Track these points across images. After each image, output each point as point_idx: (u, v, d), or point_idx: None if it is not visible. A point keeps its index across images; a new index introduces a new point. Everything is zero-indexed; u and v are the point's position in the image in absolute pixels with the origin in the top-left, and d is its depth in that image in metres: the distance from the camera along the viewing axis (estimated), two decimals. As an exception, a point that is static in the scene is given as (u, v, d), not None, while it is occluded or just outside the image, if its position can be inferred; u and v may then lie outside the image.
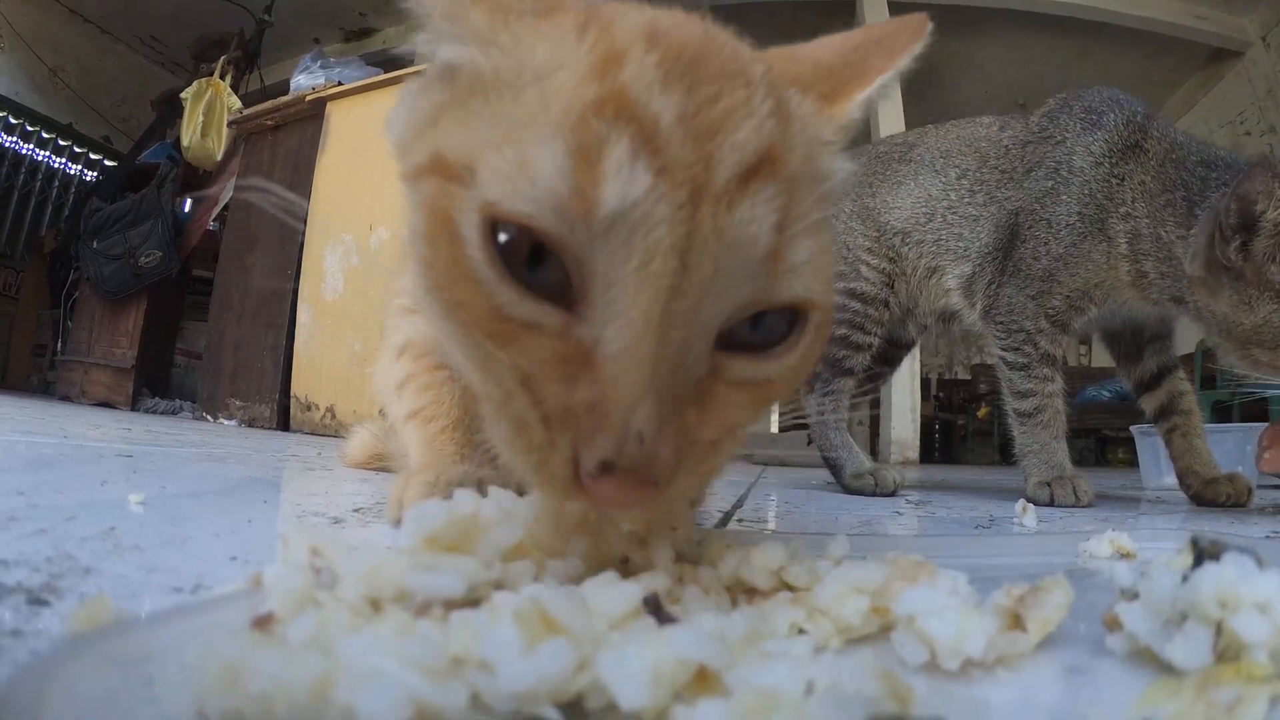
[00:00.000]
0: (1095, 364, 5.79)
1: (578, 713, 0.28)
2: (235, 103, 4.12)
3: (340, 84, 3.25)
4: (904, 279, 1.79)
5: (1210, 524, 1.22)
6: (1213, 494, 1.57)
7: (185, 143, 4.04)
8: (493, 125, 0.38)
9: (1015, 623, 0.38)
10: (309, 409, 2.97)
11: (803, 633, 0.38)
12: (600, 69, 0.37)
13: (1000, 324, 1.62)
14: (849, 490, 1.70)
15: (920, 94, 4.70)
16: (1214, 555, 0.38)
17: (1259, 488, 1.74)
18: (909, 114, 4.13)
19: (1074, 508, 1.43)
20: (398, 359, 0.74)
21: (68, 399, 4.01)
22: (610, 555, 0.41)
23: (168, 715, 0.25)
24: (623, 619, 0.31)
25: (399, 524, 0.66)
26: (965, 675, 0.35)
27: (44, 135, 6.04)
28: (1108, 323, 1.66)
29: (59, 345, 4.52)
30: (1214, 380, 4.13)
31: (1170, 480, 1.91)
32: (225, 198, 3.79)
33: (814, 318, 0.41)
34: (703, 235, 0.36)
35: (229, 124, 3.94)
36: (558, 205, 0.35)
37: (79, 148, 6.27)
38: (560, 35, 0.39)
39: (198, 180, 4.10)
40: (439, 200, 0.38)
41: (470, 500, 0.39)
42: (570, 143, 0.35)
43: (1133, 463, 2.73)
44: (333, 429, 2.83)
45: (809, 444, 1.99)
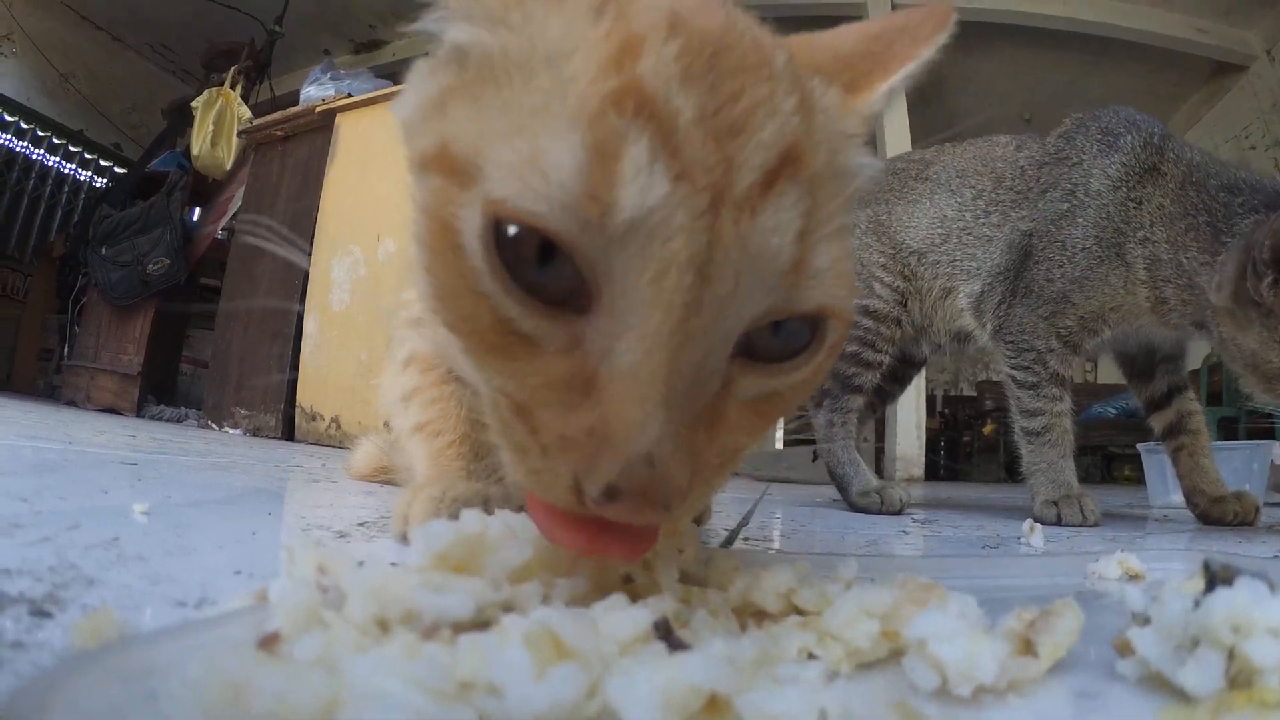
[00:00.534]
0: (1100, 380, 5.77)
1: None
2: (245, 112, 4.14)
3: (350, 95, 3.25)
4: (918, 298, 1.79)
5: (1217, 543, 1.21)
6: (1220, 513, 1.56)
7: (195, 151, 4.05)
8: (502, 115, 0.36)
9: (1026, 647, 0.37)
10: (314, 419, 2.97)
11: (813, 657, 0.37)
12: (618, 57, 0.35)
13: (1010, 343, 1.61)
14: (855, 508, 1.69)
15: (925, 109, 4.70)
16: (1226, 580, 0.37)
17: (1266, 505, 1.73)
18: (914, 128, 4.14)
19: (1081, 527, 1.42)
20: (404, 371, 0.73)
21: (73, 404, 4.02)
22: (615, 576, 0.41)
23: (170, 733, 0.25)
24: (633, 643, 0.31)
25: (404, 539, 0.66)
26: (977, 701, 0.34)
27: (54, 141, 6.07)
28: (1121, 344, 1.66)
29: (65, 350, 4.52)
30: (1220, 397, 4.13)
31: (1177, 498, 1.90)
32: (234, 207, 3.80)
33: (833, 326, 0.40)
34: (723, 246, 0.34)
35: (239, 133, 3.95)
36: (571, 205, 0.33)
37: (89, 154, 6.29)
38: (575, 14, 0.37)
39: (207, 189, 4.12)
40: (441, 205, 0.36)
41: (477, 520, 0.38)
42: (587, 138, 0.33)
43: (1138, 480, 2.72)
44: (338, 440, 2.82)
45: (814, 459, 1.98)
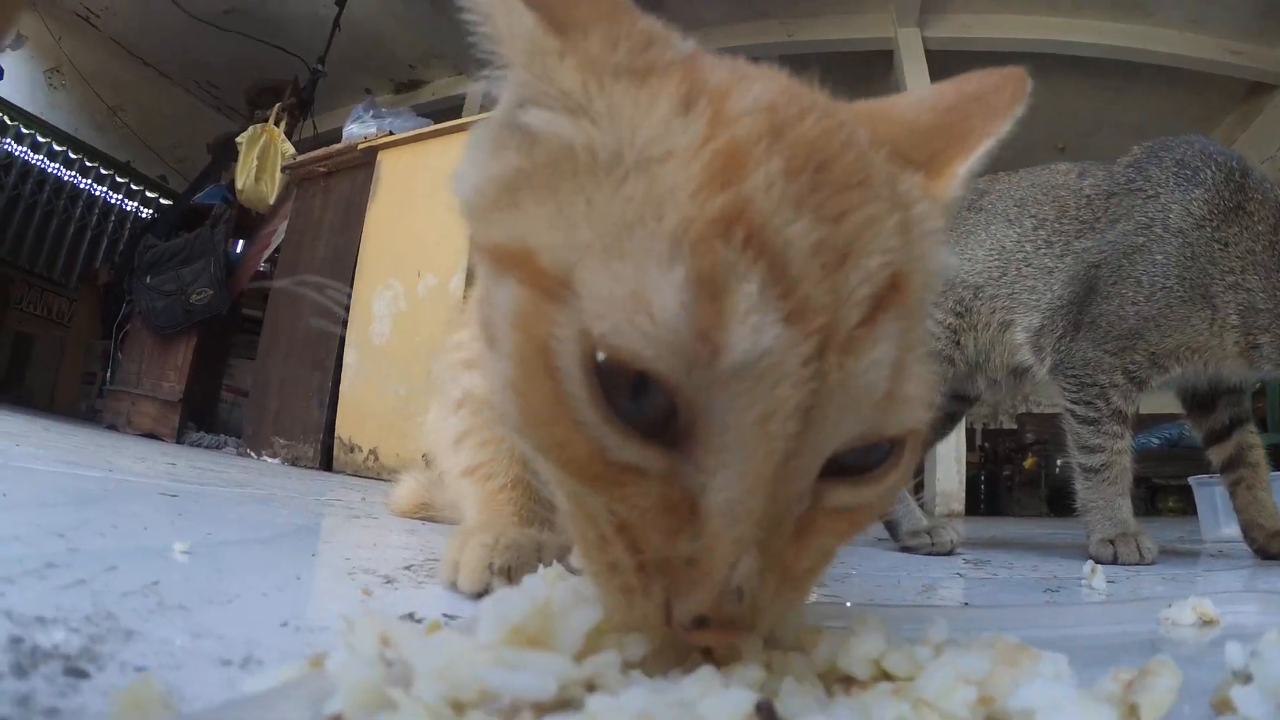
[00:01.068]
0: (1144, 411, 5.65)
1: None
2: (289, 148, 4.21)
3: (391, 133, 3.30)
4: (972, 333, 1.74)
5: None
6: (1279, 548, 1.53)
7: (239, 185, 4.12)
8: (590, 224, 0.34)
9: (1131, 712, 0.35)
10: (352, 450, 2.97)
11: None
12: (721, 171, 0.32)
13: (1072, 377, 1.57)
14: (905, 548, 1.64)
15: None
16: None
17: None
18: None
19: (1138, 565, 1.40)
20: (456, 412, 0.72)
21: (114, 428, 4.07)
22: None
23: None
24: (735, 729, 0.28)
25: (454, 586, 0.64)
26: None
27: (102, 171, 6.26)
28: (1189, 380, 1.61)
29: (108, 375, 4.59)
30: (1264, 424, 4.02)
31: (1229, 531, 1.87)
32: (277, 240, 3.85)
33: (912, 441, 0.38)
34: (828, 388, 0.32)
35: (282, 169, 4.02)
36: (678, 346, 0.31)
37: (135, 185, 6.47)
38: (664, 110, 0.35)
39: (250, 222, 4.18)
40: (534, 324, 0.34)
41: (542, 583, 0.36)
42: (692, 271, 0.31)
43: (1182, 511, 2.66)
44: (375, 471, 2.83)
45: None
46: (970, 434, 5.84)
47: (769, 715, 0.29)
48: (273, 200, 4.06)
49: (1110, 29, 4.89)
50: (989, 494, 6.33)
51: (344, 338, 3.10)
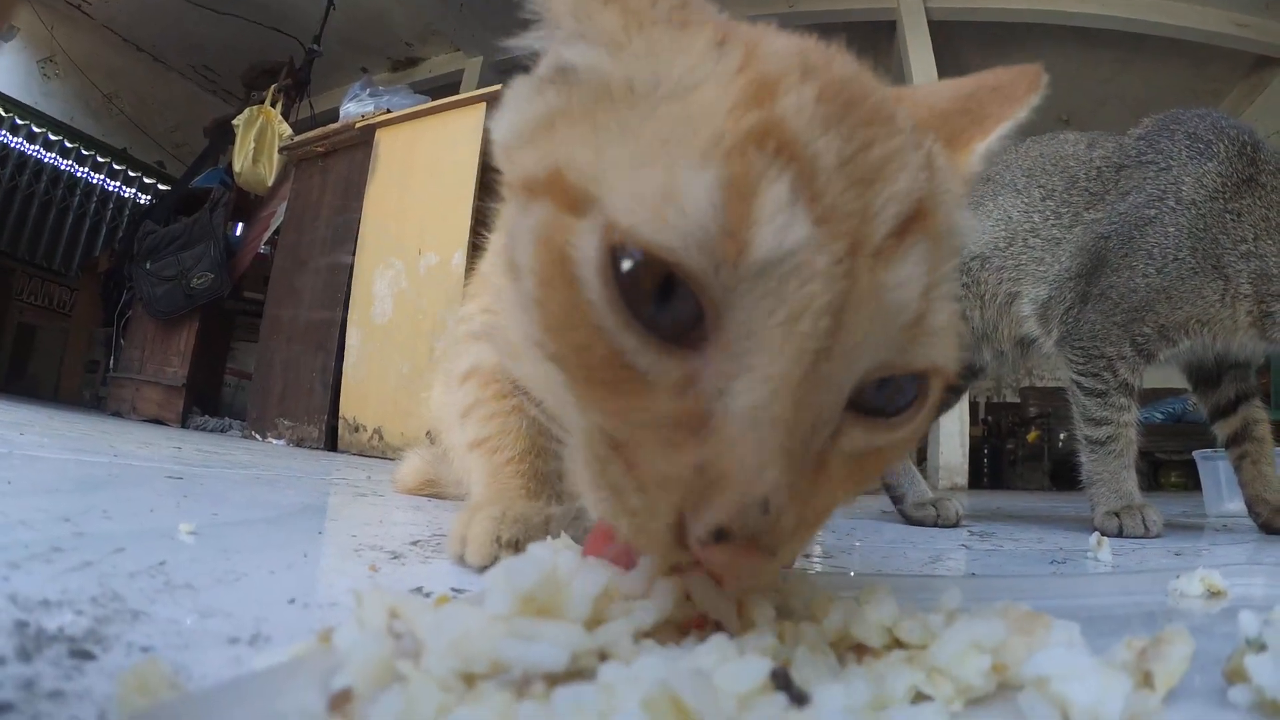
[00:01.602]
0: (1147, 386, 5.65)
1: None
2: (286, 129, 4.19)
3: (389, 111, 3.28)
4: (978, 304, 1.73)
5: None
6: None
7: (237, 168, 4.11)
8: (623, 143, 0.35)
9: (1145, 680, 0.35)
10: (357, 430, 2.98)
11: (922, 696, 0.34)
12: (755, 95, 0.34)
13: (1080, 349, 1.56)
14: (910, 520, 1.64)
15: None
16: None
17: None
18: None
19: (1144, 538, 1.40)
20: (463, 384, 0.72)
21: (119, 415, 4.08)
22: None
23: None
24: (751, 697, 0.27)
25: (461, 560, 0.64)
26: None
27: (99, 159, 6.23)
28: (1197, 354, 1.60)
29: (111, 362, 4.61)
30: (1269, 399, 4.02)
31: (1233, 506, 1.87)
32: (276, 222, 3.84)
33: (935, 385, 0.39)
34: (859, 294, 0.32)
35: (280, 150, 4.01)
36: (705, 242, 0.31)
37: (133, 172, 6.45)
38: (699, 49, 0.36)
39: (249, 205, 4.17)
40: (553, 235, 0.35)
41: (548, 551, 0.36)
42: (724, 173, 0.31)
43: (1186, 486, 2.65)
44: (380, 450, 2.84)
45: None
46: (973, 407, 5.84)
47: (785, 683, 0.29)
48: (271, 182, 4.05)
49: (1116, 0, 4.84)
50: (992, 467, 6.34)
51: (346, 318, 3.10)
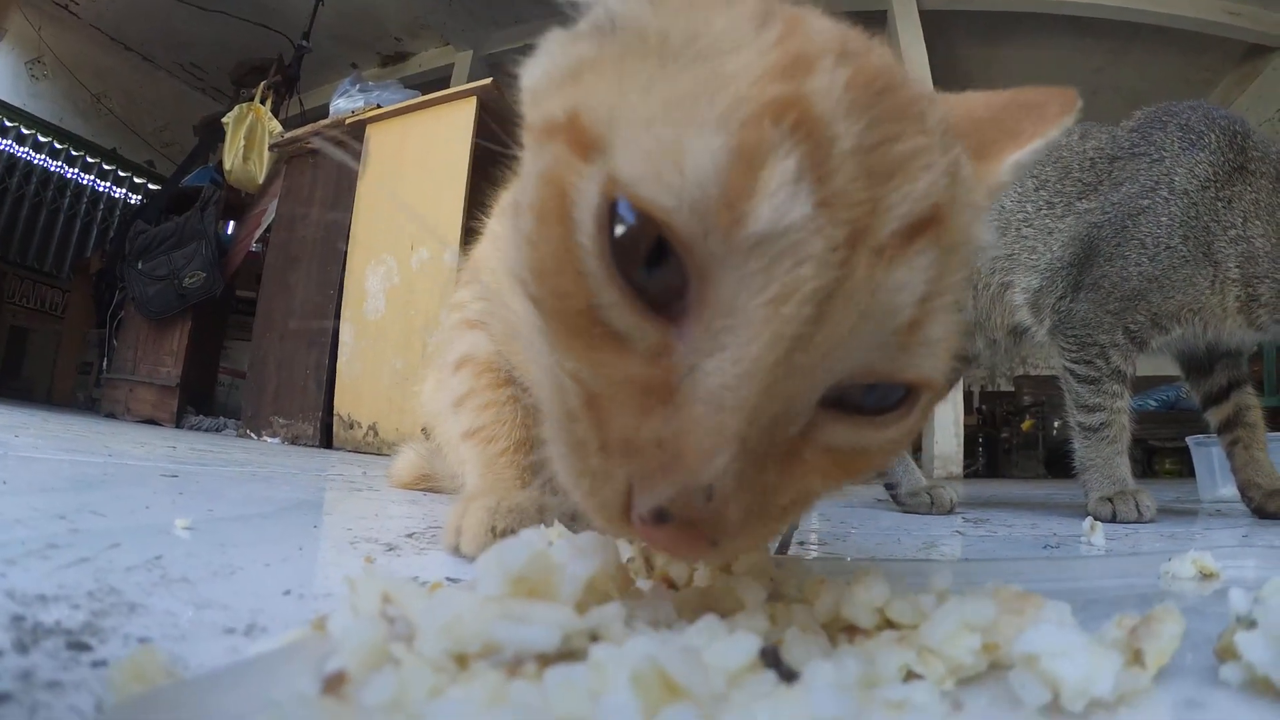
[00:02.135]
0: (1141, 373, 5.66)
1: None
2: (276, 126, 4.18)
3: (379, 106, 3.28)
4: (971, 293, 1.74)
5: (1277, 537, 1.21)
6: (1276, 506, 1.55)
7: (227, 166, 4.10)
8: (645, 96, 0.34)
9: (1136, 657, 0.35)
10: (351, 427, 2.98)
11: (913, 675, 0.35)
12: (788, 68, 0.33)
13: (1072, 337, 1.57)
14: (904, 508, 1.65)
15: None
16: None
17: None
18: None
19: (1137, 523, 1.40)
20: (455, 373, 0.72)
21: (113, 416, 4.07)
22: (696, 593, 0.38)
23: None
24: (740, 674, 0.28)
25: (456, 551, 0.64)
26: (1089, 717, 0.32)
27: (88, 159, 6.21)
28: (1188, 342, 1.61)
29: (105, 363, 4.59)
30: (1261, 386, 4.04)
31: (1226, 492, 1.87)
32: (267, 220, 3.83)
33: (926, 395, 0.37)
34: (850, 288, 0.31)
35: (270, 147, 4.00)
36: (701, 206, 0.30)
37: (123, 172, 6.43)
38: (741, 14, 0.35)
39: (240, 203, 4.16)
40: (558, 172, 0.34)
41: (540, 536, 0.36)
42: (734, 140, 0.30)
43: (1180, 473, 2.66)
44: (375, 447, 2.84)
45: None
46: (968, 396, 5.84)
47: (774, 661, 0.29)
48: (262, 179, 4.04)
49: (1107, -11, 4.85)
50: (987, 456, 6.36)
51: (339, 315, 3.10)
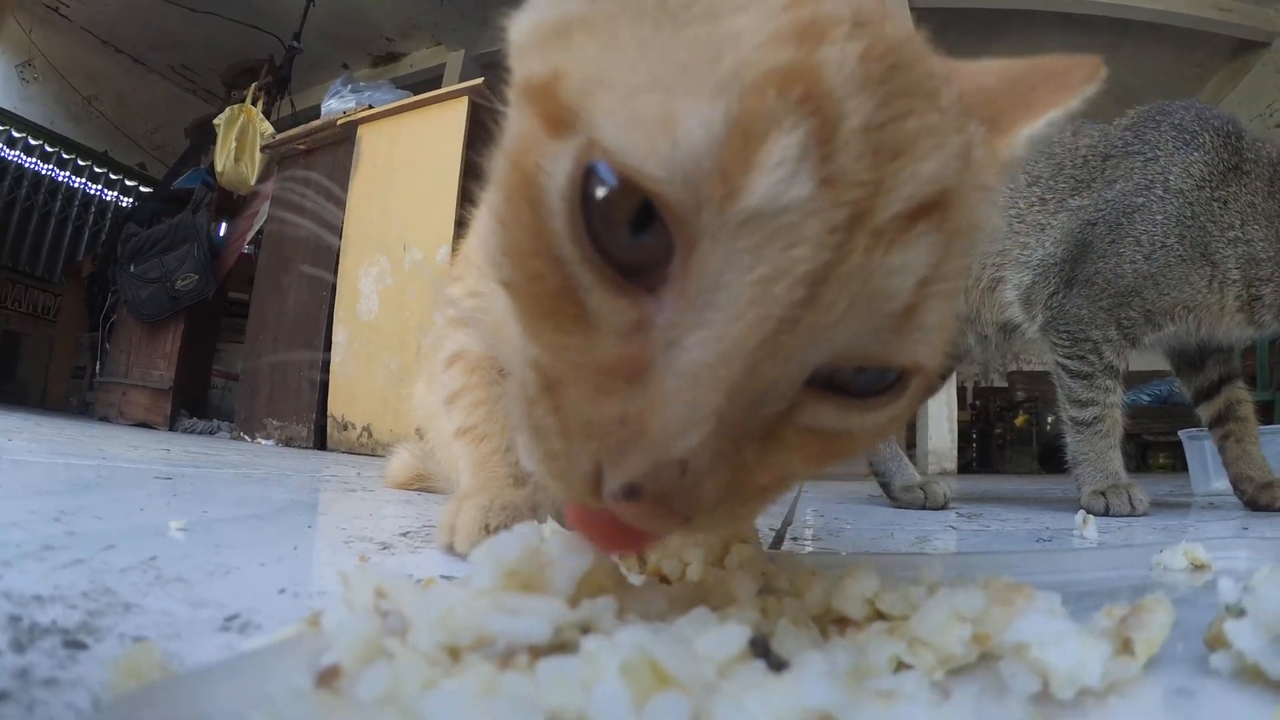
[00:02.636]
0: (1134, 368, 5.68)
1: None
2: (267, 128, 4.17)
3: (371, 107, 3.28)
4: (962, 289, 1.74)
5: (1270, 529, 1.22)
6: (1269, 499, 1.55)
7: (219, 168, 4.09)
8: (638, 60, 0.31)
9: (1125, 646, 0.36)
10: (346, 428, 2.98)
11: (904, 666, 0.35)
12: (798, 35, 0.30)
13: (1065, 333, 1.58)
14: (898, 503, 1.66)
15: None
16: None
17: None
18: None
19: (1130, 517, 1.41)
20: (446, 370, 0.71)
21: (106, 420, 4.06)
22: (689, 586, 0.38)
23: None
24: (730, 664, 0.28)
25: (450, 550, 0.64)
26: (1079, 705, 0.32)
27: (79, 163, 6.18)
28: (1180, 340, 1.62)
29: (97, 367, 4.58)
30: (1254, 380, 4.05)
31: (1219, 485, 1.89)
32: (259, 221, 3.82)
33: (917, 381, 0.36)
34: (845, 271, 0.30)
35: (262, 149, 3.99)
36: (693, 177, 0.29)
37: (114, 174, 6.41)
38: None
39: (232, 205, 4.15)
40: (526, 152, 0.33)
41: (533, 530, 0.35)
42: (734, 109, 0.29)
43: (1174, 467, 2.67)
44: (370, 448, 2.83)
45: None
46: (961, 392, 5.86)
47: (764, 651, 0.29)
48: (254, 181, 4.03)
49: (1099, -15, 4.86)
50: (980, 452, 6.37)
51: (332, 316, 3.09)
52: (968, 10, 4.84)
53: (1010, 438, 6.41)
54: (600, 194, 0.30)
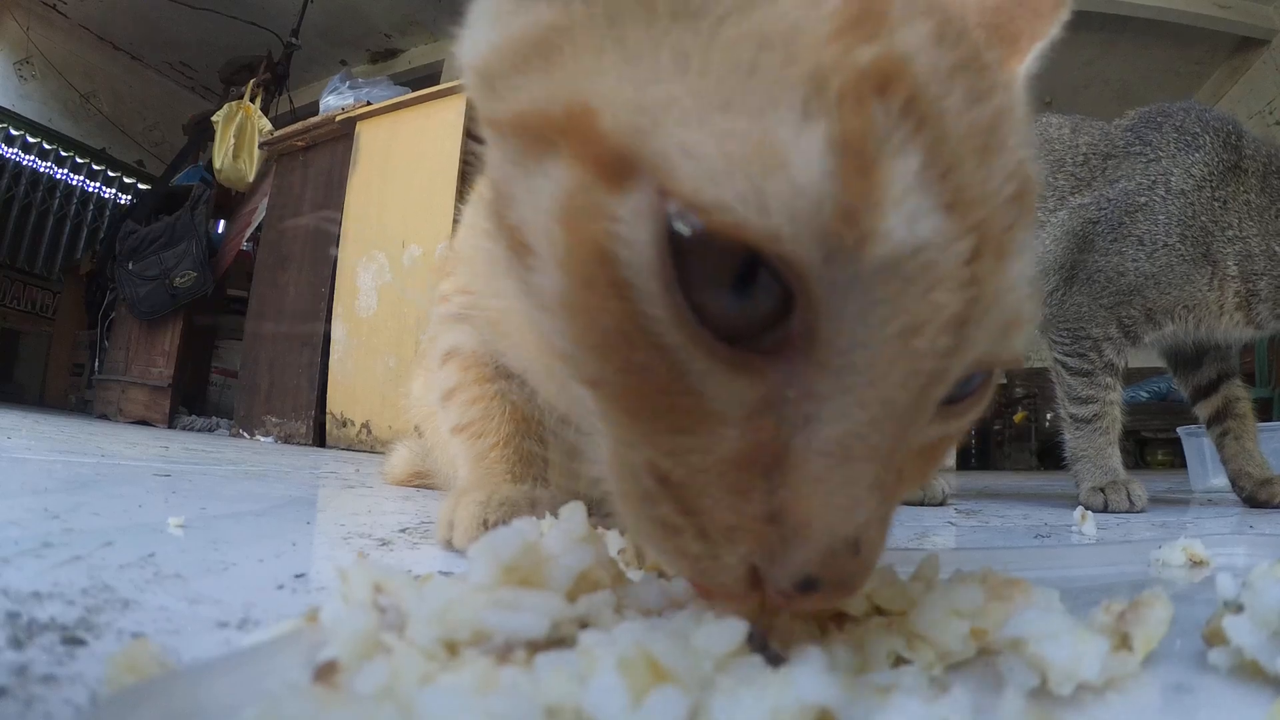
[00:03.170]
0: (1133, 365, 5.68)
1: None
2: (265, 124, 4.17)
3: (369, 103, 3.27)
4: None
5: (1268, 525, 1.22)
6: (1267, 495, 1.56)
7: (217, 165, 4.08)
8: (678, 73, 0.26)
9: (1123, 642, 0.36)
10: (344, 425, 2.98)
11: (902, 661, 0.35)
12: (860, 19, 0.25)
13: (1065, 330, 1.59)
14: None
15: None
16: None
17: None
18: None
19: (1129, 513, 1.42)
20: (442, 367, 0.71)
21: (105, 417, 4.06)
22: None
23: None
24: (728, 659, 0.28)
25: (449, 545, 0.64)
26: (1078, 701, 0.33)
27: (77, 160, 6.17)
28: (1178, 339, 1.63)
29: (96, 365, 4.58)
30: (1252, 378, 4.06)
31: (1217, 482, 1.89)
32: (258, 218, 3.82)
33: (997, 373, 0.33)
34: (985, 301, 0.26)
35: (260, 145, 3.99)
36: (816, 225, 0.24)
37: (112, 172, 6.39)
38: None
39: (230, 202, 4.14)
40: (587, 219, 0.26)
41: (532, 526, 0.35)
42: (837, 130, 0.24)
43: (1172, 464, 2.68)
44: (369, 444, 2.83)
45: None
46: (960, 389, 5.86)
47: (761, 645, 0.29)
48: (252, 178, 4.02)
49: (1097, -18, 4.86)
50: (979, 449, 6.37)
51: (331, 313, 3.09)
52: (961, 7, 4.83)
53: (1009, 434, 6.41)
54: (693, 257, 0.25)
